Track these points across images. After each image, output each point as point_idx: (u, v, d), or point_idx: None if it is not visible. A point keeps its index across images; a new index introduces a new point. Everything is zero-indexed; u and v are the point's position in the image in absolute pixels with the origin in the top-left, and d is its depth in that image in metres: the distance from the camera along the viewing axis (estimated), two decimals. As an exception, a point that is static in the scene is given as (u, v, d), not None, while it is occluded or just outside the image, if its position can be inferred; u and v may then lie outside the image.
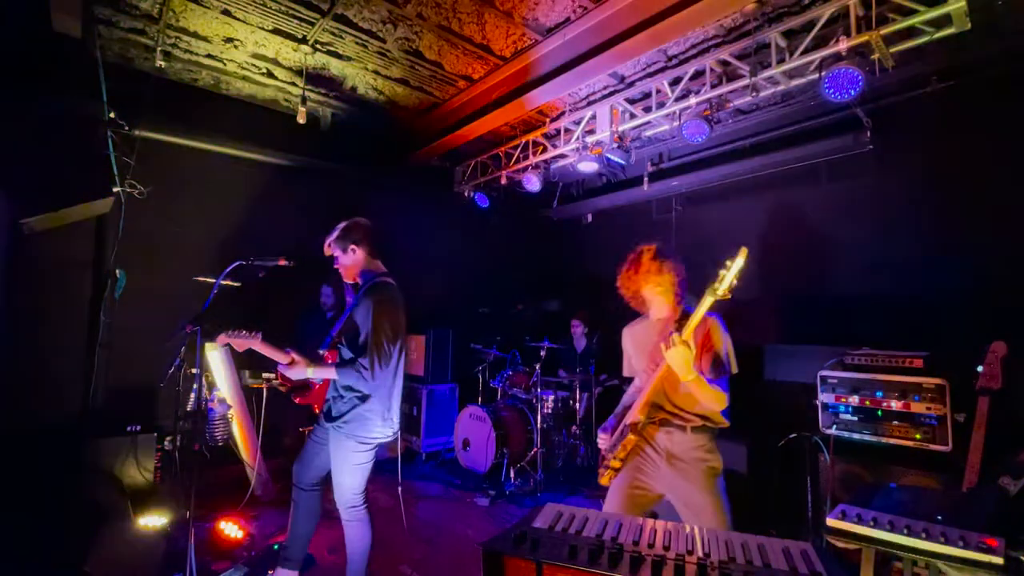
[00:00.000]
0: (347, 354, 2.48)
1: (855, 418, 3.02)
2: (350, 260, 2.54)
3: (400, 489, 3.40)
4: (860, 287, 4.00)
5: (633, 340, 2.36)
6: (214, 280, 2.59)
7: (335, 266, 2.60)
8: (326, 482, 2.60)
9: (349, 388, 2.42)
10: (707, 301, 1.84)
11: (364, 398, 2.40)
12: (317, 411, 2.63)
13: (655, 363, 2.10)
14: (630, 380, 2.47)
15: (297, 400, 2.68)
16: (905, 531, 1.57)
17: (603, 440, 2.26)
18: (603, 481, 2.23)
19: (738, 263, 1.75)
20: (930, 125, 3.75)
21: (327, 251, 2.60)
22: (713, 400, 2.00)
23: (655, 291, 2.17)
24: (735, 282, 1.76)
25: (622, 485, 2.15)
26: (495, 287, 6.70)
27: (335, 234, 2.56)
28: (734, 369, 2.10)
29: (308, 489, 2.61)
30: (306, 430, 4.00)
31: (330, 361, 2.50)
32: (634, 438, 2.11)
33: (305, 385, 2.66)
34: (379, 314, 2.35)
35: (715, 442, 2.14)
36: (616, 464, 2.17)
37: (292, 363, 2.40)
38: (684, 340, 1.87)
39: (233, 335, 2.43)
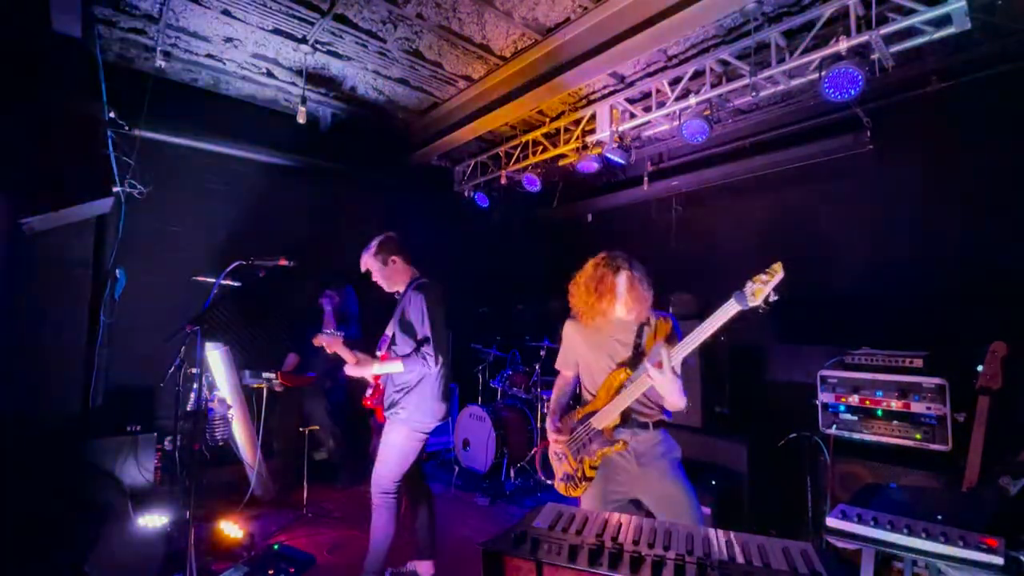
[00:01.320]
0: (404, 350, 2.66)
1: (855, 418, 3.02)
2: (392, 271, 2.76)
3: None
4: (860, 287, 3.99)
5: (585, 338, 2.25)
6: (214, 280, 2.59)
7: (373, 279, 2.80)
8: (421, 472, 2.87)
9: (402, 380, 2.65)
10: (731, 311, 1.75)
11: (415, 387, 2.62)
12: (379, 415, 2.80)
13: (622, 367, 2.09)
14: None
15: (367, 403, 2.87)
16: (905, 531, 1.57)
17: (559, 443, 2.17)
18: (576, 494, 2.14)
19: (777, 275, 1.68)
20: (930, 125, 3.75)
21: (364, 266, 2.80)
22: (680, 402, 1.95)
23: (625, 305, 2.08)
24: (773, 296, 1.68)
25: (596, 499, 2.10)
26: (495, 287, 6.69)
27: (372, 250, 2.75)
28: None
29: (400, 482, 2.71)
30: (305, 430, 4.00)
31: (384, 360, 2.70)
32: (623, 446, 2.07)
33: (366, 386, 2.86)
34: (433, 310, 2.62)
35: (668, 432, 2.17)
36: (592, 474, 2.11)
37: (358, 362, 2.64)
38: (673, 369, 1.83)
39: (326, 336, 2.68)
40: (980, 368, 2.34)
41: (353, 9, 3.48)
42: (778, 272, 1.70)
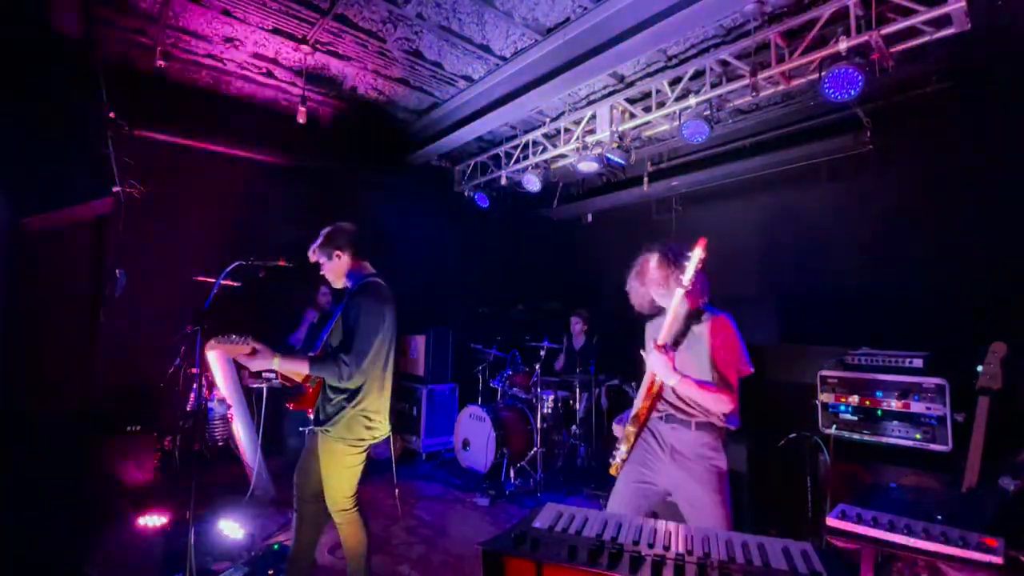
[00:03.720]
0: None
1: (855, 418, 3.02)
2: (336, 265, 2.54)
3: (397, 491, 3.39)
4: (860, 287, 4.00)
5: (651, 333, 2.36)
6: (214, 280, 2.58)
7: (321, 272, 2.60)
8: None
9: (337, 390, 2.39)
10: (678, 294, 1.95)
11: (351, 399, 2.38)
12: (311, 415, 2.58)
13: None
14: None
15: (291, 406, 2.65)
16: (905, 531, 1.57)
17: (618, 430, 2.26)
18: (612, 471, 2.22)
19: (696, 255, 1.94)
20: (930, 125, 3.75)
21: (312, 258, 2.59)
22: (712, 403, 2.00)
23: (662, 295, 2.17)
24: (696, 269, 1.95)
25: (627, 479, 2.16)
26: (495, 287, 6.70)
27: (318, 241, 2.55)
28: (748, 368, 2.11)
29: (311, 501, 2.55)
30: (305, 429, 4.00)
31: (291, 357, 2.39)
32: (633, 429, 2.11)
33: (298, 389, 2.63)
34: (363, 312, 2.35)
35: (721, 441, 2.11)
36: (623, 455, 2.17)
37: (253, 353, 2.23)
38: (660, 345, 1.94)
39: (223, 340, 2.28)
40: (980, 368, 2.34)
41: (353, 9, 3.48)
42: (697, 253, 1.97)
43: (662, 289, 2.14)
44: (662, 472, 2.12)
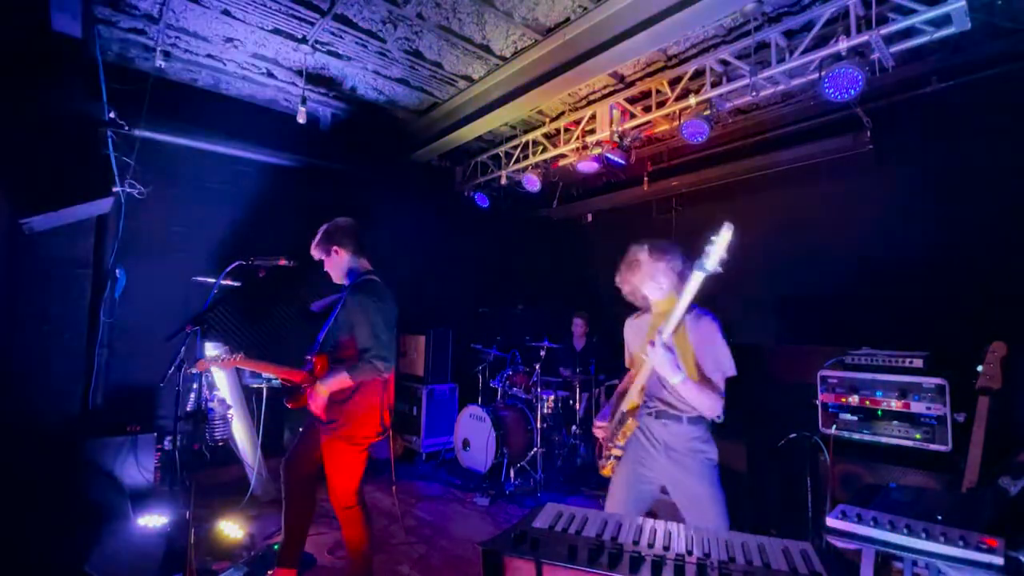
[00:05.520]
0: (343, 355, 2.46)
1: (855, 418, 3.02)
2: (334, 262, 2.59)
3: (394, 488, 3.39)
4: (860, 287, 3.99)
5: (632, 331, 2.35)
6: (214, 280, 2.59)
7: (325, 269, 2.64)
8: (317, 477, 2.60)
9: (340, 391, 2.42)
10: (697, 278, 1.79)
11: (350, 397, 2.40)
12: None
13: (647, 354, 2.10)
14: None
15: (291, 406, 2.65)
16: (905, 531, 1.57)
17: (601, 429, 2.24)
18: (605, 472, 2.21)
19: (724, 236, 1.74)
20: (930, 125, 3.75)
21: (314, 255, 2.64)
22: (705, 406, 1.99)
23: (654, 288, 2.16)
24: (724, 255, 1.74)
25: (624, 478, 2.15)
26: (495, 287, 6.70)
27: (317, 237, 2.60)
28: (732, 371, 2.07)
29: (296, 484, 2.60)
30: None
31: (320, 366, 2.47)
32: (634, 423, 2.11)
33: (297, 389, 2.63)
34: (373, 309, 2.40)
35: (710, 432, 2.13)
36: (618, 452, 2.16)
37: (310, 384, 2.36)
38: (665, 342, 1.85)
39: (212, 360, 2.37)
40: (980, 368, 2.34)
41: (353, 9, 3.48)
42: (724, 232, 1.76)
43: (653, 282, 2.13)
44: (657, 468, 2.12)
